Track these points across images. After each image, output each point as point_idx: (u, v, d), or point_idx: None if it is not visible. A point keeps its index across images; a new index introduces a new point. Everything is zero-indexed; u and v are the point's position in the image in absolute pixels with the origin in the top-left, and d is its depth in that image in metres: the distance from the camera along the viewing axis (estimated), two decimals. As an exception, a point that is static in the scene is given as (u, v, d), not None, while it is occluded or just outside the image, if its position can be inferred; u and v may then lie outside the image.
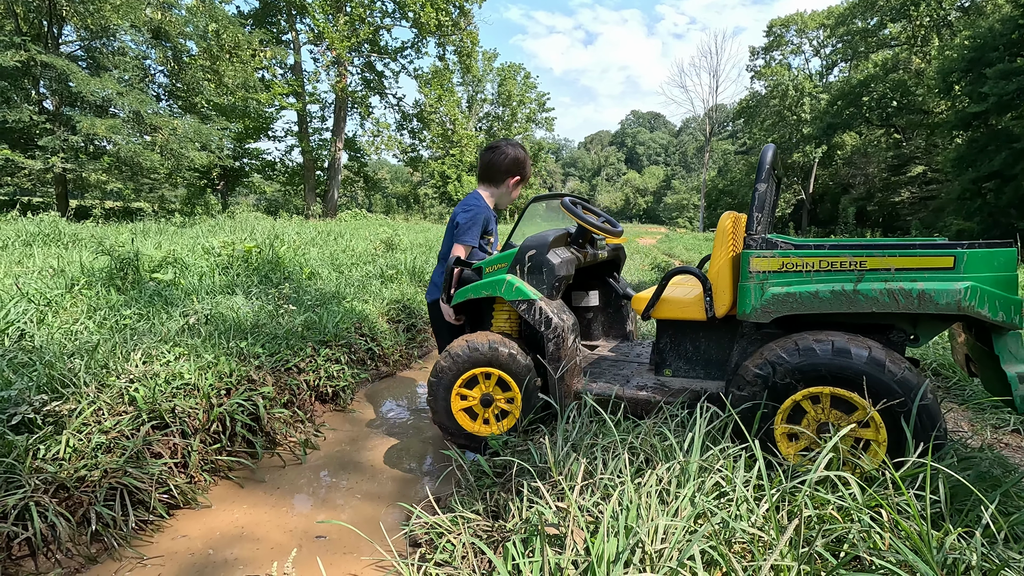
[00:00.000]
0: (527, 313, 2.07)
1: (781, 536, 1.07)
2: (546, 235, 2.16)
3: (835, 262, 1.63)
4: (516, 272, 2.15)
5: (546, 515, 1.25)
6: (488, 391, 2.15)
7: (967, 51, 18.00)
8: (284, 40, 21.72)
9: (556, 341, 2.02)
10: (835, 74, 34.52)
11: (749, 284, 1.72)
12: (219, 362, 2.33)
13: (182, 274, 4.14)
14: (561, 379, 2.02)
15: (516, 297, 2.09)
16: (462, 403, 2.18)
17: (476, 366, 2.13)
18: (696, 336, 2.13)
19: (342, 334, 3.22)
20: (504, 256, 2.25)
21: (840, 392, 1.58)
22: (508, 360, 2.09)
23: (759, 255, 1.71)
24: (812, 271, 1.65)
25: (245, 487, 2.04)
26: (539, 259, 2.11)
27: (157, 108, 14.40)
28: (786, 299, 1.66)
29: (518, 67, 38.48)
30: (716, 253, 1.93)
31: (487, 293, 2.18)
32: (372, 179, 27.78)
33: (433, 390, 2.18)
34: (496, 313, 2.37)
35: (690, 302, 2.02)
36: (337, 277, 4.93)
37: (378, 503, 1.97)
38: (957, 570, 1.09)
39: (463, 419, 2.17)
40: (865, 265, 1.60)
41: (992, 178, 16.26)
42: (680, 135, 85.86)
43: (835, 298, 1.61)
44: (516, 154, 2.46)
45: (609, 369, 2.36)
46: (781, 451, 1.65)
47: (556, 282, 2.09)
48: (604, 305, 2.91)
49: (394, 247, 7.90)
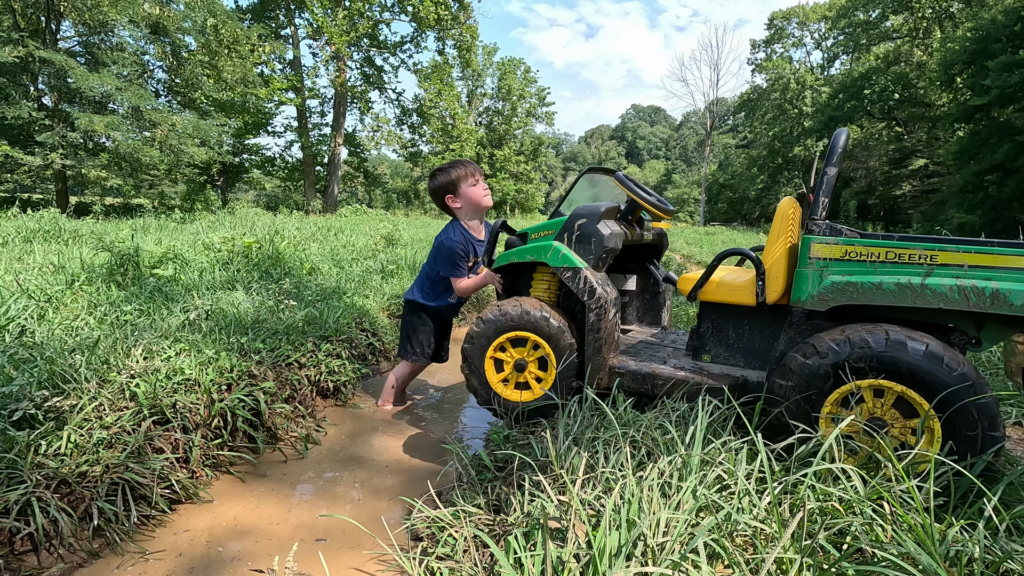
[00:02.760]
0: (571, 281, 2.05)
1: (785, 529, 1.07)
2: (598, 206, 2.15)
3: (903, 254, 1.57)
4: (563, 240, 2.15)
5: (548, 508, 1.25)
6: (523, 357, 2.15)
7: (969, 43, 17.91)
8: (283, 35, 21.66)
9: (598, 312, 2.00)
10: (836, 67, 34.39)
11: (807, 270, 1.67)
12: (220, 357, 2.33)
13: (182, 270, 4.14)
14: (598, 351, 2.00)
15: (562, 264, 2.08)
16: (496, 368, 2.20)
17: (512, 330, 2.13)
18: (740, 322, 2.06)
19: (343, 329, 3.22)
20: (552, 223, 2.25)
21: (890, 385, 1.52)
22: (545, 326, 2.08)
23: (821, 241, 1.66)
24: (877, 261, 1.60)
25: (247, 482, 2.04)
26: (589, 228, 2.10)
27: (156, 104, 14.38)
28: (846, 288, 1.61)
29: (518, 61, 38.37)
30: (772, 238, 1.87)
31: (531, 258, 2.18)
32: (372, 174, 27.76)
33: (467, 354, 2.20)
34: (536, 281, 2.37)
35: (740, 286, 1.97)
36: (338, 272, 4.93)
37: (380, 497, 1.97)
38: (960, 562, 1.09)
39: (497, 384, 2.18)
40: (936, 259, 1.53)
41: (994, 171, 16.21)
42: (680, 129, 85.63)
43: (900, 291, 1.55)
44: (437, 182, 2.57)
45: (645, 350, 2.32)
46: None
47: (604, 253, 2.07)
48: (641, 291, 2.86)
49: (394, 242, 7.90)
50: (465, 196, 2.54)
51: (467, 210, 2.57)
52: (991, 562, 1.12)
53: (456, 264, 2.51)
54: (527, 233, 2.37)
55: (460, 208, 2.57)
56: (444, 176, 2.55)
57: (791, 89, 33.09)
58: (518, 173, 36.24)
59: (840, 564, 1.04)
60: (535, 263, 2.34)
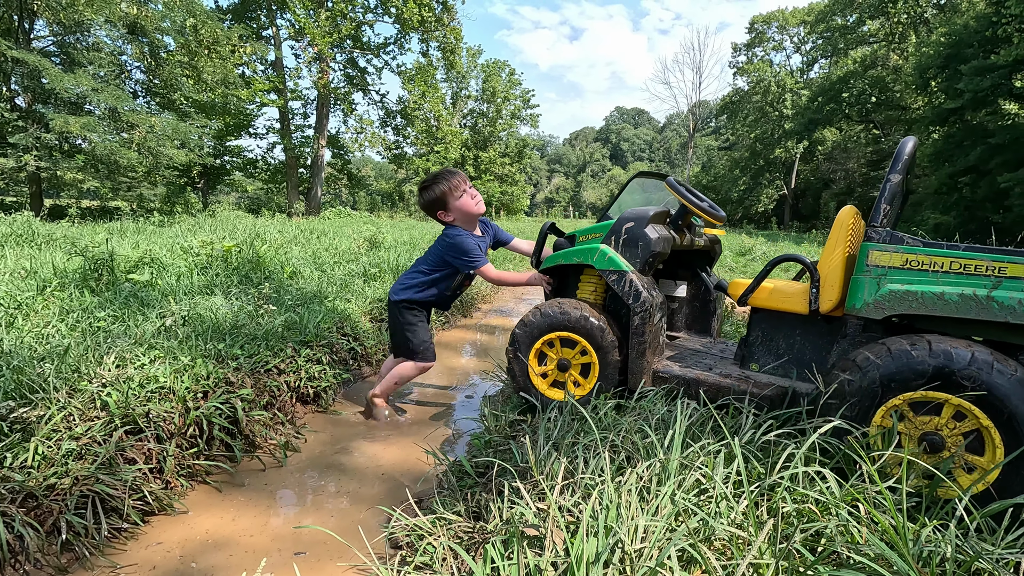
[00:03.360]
0: (617, 284, 2.05)
1: (759, 533, 1.07)
2: (646, 210, 2.14)
3: (969, 264, 1.52)
4: (611, 243, 2.15)
5: (526, 516, 1.24)
6: (567, 357, 2.17)
7: (943, 48, 18.32)
8: (264, 36, 21.41)
9: (643, 315, 2.00)
10: (815, 70, 34.96)
11: (864, 277, 1.64)
12: (196, 364, 2.28)
13: (159, 275, 4.06)
14: (642, 354, 1.99)
15: (608, 267, 2.09)
16: (541, 370, 2.22)
17: (557, 330, 2.15)
18: (792, 331, 2.02)
19: (323, 334, 3.18)
20: (600, 226, 2.25)
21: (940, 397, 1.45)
22: (590, 327, 2.09)
23: (881, 248, 1.62)
24: (940, 271, 1.54)
25: (224, 491, 2.01)
26: (636, 232, 2.10)
27: (134, 105, 14.11)
28: (905, 297, 1.56)
29: (503, 64, 38.36)
30: (830, 245, 1.83)
31: (578, 260, 2.18)
32: (356, 176, 27.56)
33: (517, 339, 2.24)
34: (582, 284, 2.38)
35: (793, 292, 1.94)
36: (319, 276, 4.87)
37: (360, 505, 1.95)
38: (932, 563, 1.10)
39: (536, 376, 2.21)
40: (1005, 272, 1.47)
41: (968, 173, 16.60)
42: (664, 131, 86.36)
43: (964, 302, 1.49)
44: (425, 199, 2.54)
45: (690, 357, 2.31)
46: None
47: (650, 257, 2.07)
48: (691, 298, 2.83)
49: (378, 245, 7.84)
50: (456, 209, 2.52)
51: (460, 221, 2.55)
52: (962, 562, 1.13)
53: (476, 253, 2.50)
54: (575, 235, 2.39)
55: (454, 220, 2.55)
56: (430, 193, 2.52)
57: (772, 92, 33.54)
58: (503, 175, 36.22)
59: (815, 567, 1.04)
60: (582, 265, 2.35)
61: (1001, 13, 15.96)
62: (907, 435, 1.48)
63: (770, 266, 1.98)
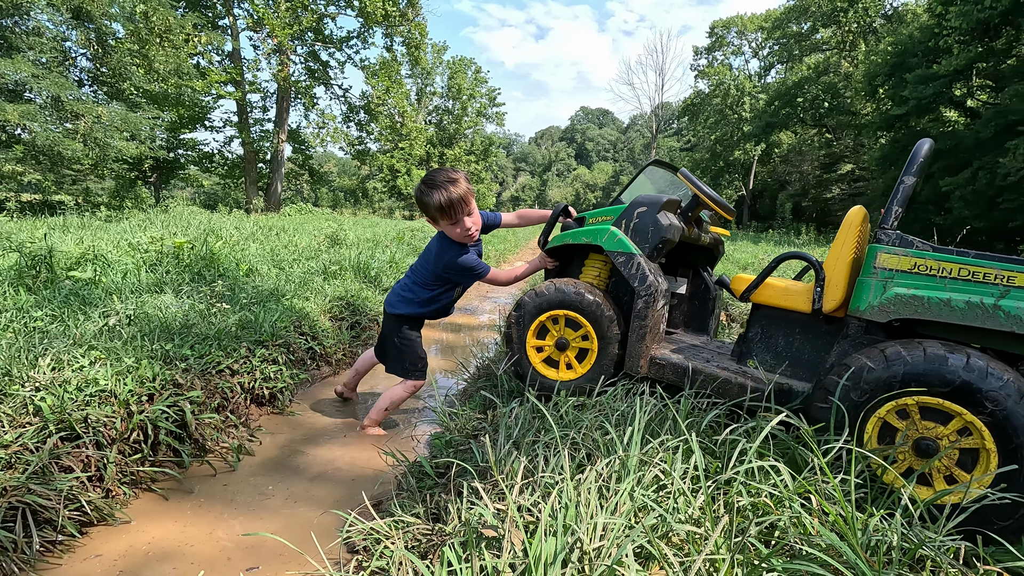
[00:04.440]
0: (624, 267, 2.04)
1: (715, 528, 1.08)
2: (659, 196, 2.13)
3: (978, 272, 1.50)
4: (621, 227, 2.13)
5: (485, 517, 1.22)
6: (568, 337, 2.15)
7: (890, 57, 19.19)
8: (221, 25, 20.67)
9: (647, 299, 1.98)
10: (772, 75, 36.07)
11: (870, 280, 1.62)
12: (141, 366, 2.17)
13: (104, 272, 3.86)
14: (642, 338, 1.98)
15: (617, 248, 2.07)
16: (538, 343, 2.20)
17: (567, 308, 2.12)
18: (792, 330, 2.00)
19: (280, 333, 3.08)
20: (612, 209, 2.23)
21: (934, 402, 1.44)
22: (599, 314, 2.07)
23: (889, 251, 1.60)
24: (948, 277, 1.53)
25: (170, 499, 1.91)
26: (648, 217, 2.08)
27: (79, 94, 13.42)
28: (910, 301, 1.54)
29: (469, 61, 38.18)
30: (837, 245, 1.82)
31: (587, 240, 2.16)
32: (318, 172, 26.94)
33: (511, 330, 2.21)
34: (587, 267, 2.36)
35: (796, 291, 1.92)
36: (278, 274, 4.73)
37: (316, 509, 1.89)
38: (879, 551, 1.13)
39: (533, 355, 2.19)
40: (1014, 281, 1.46)
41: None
42: (628, 132, 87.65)
43: (970, 310, 1.47)
44: (417, 198, 2.30)
45: (688, 349, 2.30)
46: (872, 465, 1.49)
47: (660, 243, 2.05)
48: (691, 295, 2.81)
49: (339, 242, 7.67)
50: (445, 231, 2.33)
51: (458, 237, 2.36)
52: (908, 549, 1.17)
53: (480, 266, 2.41)
54: (584, 217, 2.36)
55: (443, 228, 2.35)
56: (423, 202, 2.27)
57: (731, 95, 34.47)
58: (469, 172, 36.11)
59: (769, 560, 1.06)
60: (588, 249, 2.33)
61: (942, 25, 16.81)
62: (903, 433, 1.47)
63: (775, 263, 1.96)
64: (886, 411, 1.49)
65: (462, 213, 2.25)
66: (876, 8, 27.33)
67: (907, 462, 1.49)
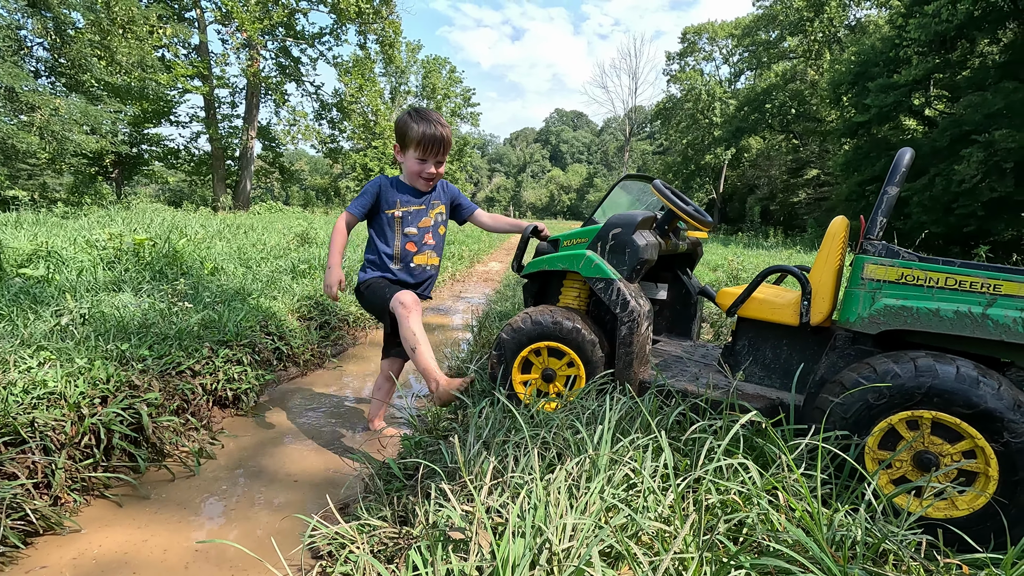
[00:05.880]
0: (604, 293, 1.98)
1: (680, 524, 1.08)
2: (634, 215, 2.07)
3: (965, 281, 1.50)
4: (597, 249, 2.07)
5: (453, 518, 1.19)
6: (553, 367, 2.09)
7: (853, 66, 19.82)
8: (187, 18, 20.12)
9: (630, 325, 1.93)
10: (742, 81, 36.87)
11: (858, 291, 1.60)
12: (94, 367, 2.07)
13: (57, 269, 3.70)
14: (629, 365, 1.93)
15: (594, 274, 2.01)
16: (525, 378, 2.12)
17: (547, 339, 2.05)
18: (779, 342, 1.99)
19: (245, 333, 2.99)
20: (586, 231, 2.16)
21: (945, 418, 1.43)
22: (581, 340, 2.01)
23: (877, 262, 1.59)
24: (936, 287, 1.52)
25: (124, 506, 1.83)
26: (623, 239, 2.02)
27: (35, 85, 12.88)
28: (900, 312, 1.54)
29: (443, 60, 38.02)
30: (822, 257, 1.81)
31: (563, 266, 2.10)
32: (288, 170, 26.45)
33: (503, 344, 2.12)
34: (566, 289, 2.29)
35: (783, 304, 1.90)
36: (244, 273, 4.60)
37: (279, 513, 1.83)
38: (844, 546, 1.14)
39: (521, 391, 2.12)
40: (1000, 289, 1.46)
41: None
42: (602, 134, 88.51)
43: (959, 319, 1.47)
44: (395, 122, 2.31)
45: (675, 364, 2.27)
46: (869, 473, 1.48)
47: (638, 264, 2.01)
48: (672, 300, 2.78)
49: (309, 241, 7.53)
50: (405, 161, 2.31)
51: (406, 174, 2.36)
52: (872, 544, 1.18)
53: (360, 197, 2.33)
54: (559, 240, 2.30)
55: (403, 163, 2.34)
56: (402, 125, 2.26)
57: (702, 100, 35.09)
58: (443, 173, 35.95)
59: (737, 557, 1.06)
60: (565, 270, 2.26)
61: (903, 36, 17.44)
62: (908, 444, 1.47)
63: (760, 277, 1.96)
64: (898, 419, 1.48)
65: (434, 155, 2.26)
66: (840, 19, 28.20)
67: (902, 470, 1.50)
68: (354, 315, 4.28)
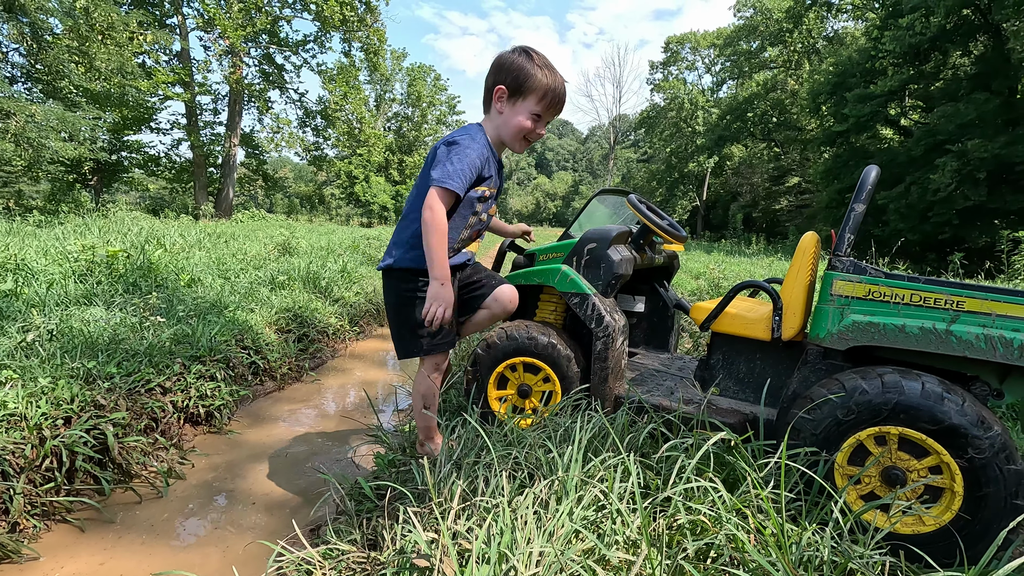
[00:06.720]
0: (579, 308, 1.98)
1: (649, 548, 1.07)
2: (608, 230, 2.07)
3: (929, 298, 1.51)
4: (572, 264, 2.07)
5: (420, 544, 1.17)
6: (528, 383, 2.08)
7: (831, 76, 20.23)
8: (169, 24, 19.91)
9: (605, 340, 1.94)
10: (724, 90, 37.40)
11: (828, 307, 1.62)
12: (57, 386, 2.02)
13: (27, 283, 3.61)
14: (604, 380, 1.94)
15: (570, 289, 2.01)
16: (500, 394, 2.11)
17: (522, 355, 2.05)
18: (752, 357, 2.02)
19: (219, 347, 2.94)
20: (561, 246, 2.17)
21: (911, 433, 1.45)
22: (556, 356, 2.01)
23: (845, 278, 1.61)
24: (901, 303, 1.54)
25: (87, 531, 1.78)
26: (598, 253, 2.03)
27: (10, 91, 12.63)
28: (867, 328, 1.55)
29: (428, 68, 38.10)
30: (793, 272, 1.83)
31: (539, 281, 2.10)
32: (272, 178, 26.22)
33: (479, 360, 2.10)
34: (542, 304, 2.29)
35: (755, 319, 1.92)
36: (222, 284, 4.53)
37: (247, 536, 1.79)
38: (810, 566, 1.14)
39: (497, 407, 2.11)
40: (963, 306, 1.48)
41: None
42: (587, 142, 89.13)
43: (923, 335, 1.49)
44: (503, 60, 1.73)
45: (651, 378, 2.27)
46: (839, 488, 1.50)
47: (613, 279, 2.02)
48: (649, 313, 2.78)
49: (291, 251, 7.45)
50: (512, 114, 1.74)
51: (499, 128, 1.78)
52: (838, 564, 1.19)
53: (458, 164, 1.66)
54: (535, 254, 2.30)
55: (500, 115, 1.77)
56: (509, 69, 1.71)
57: (685, 109, 35.54)
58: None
59: (703, 581, 1.05)
60: (542, 285, 2.26)
61: (879, 48, 17.84)
62: (875, 459, 1.49)
63: (732, 293, 1.98)
64: (866, 435, 1.50)
65: (554, 114, 1.78)
66: (819, 30, 28.78)
67: (871, 486, 1.52)
68: (333, 327, 4.24)
